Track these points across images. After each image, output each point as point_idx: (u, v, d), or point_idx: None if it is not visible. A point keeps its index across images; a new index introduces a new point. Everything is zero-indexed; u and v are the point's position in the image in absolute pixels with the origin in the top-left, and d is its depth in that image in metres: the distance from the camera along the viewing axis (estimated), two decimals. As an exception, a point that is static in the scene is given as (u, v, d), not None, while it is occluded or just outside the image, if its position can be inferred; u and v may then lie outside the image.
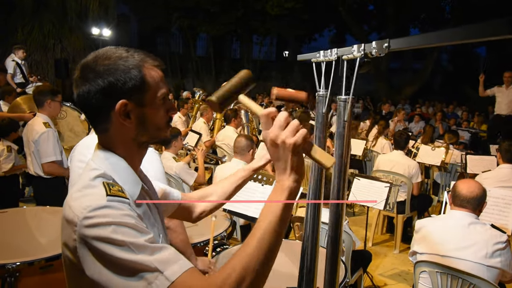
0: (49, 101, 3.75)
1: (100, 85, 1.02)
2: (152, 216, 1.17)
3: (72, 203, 0.99)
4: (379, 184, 4.05)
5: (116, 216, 0.94)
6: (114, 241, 0.92)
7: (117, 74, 1.03)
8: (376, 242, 5.11)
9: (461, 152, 6.10)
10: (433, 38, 0.87)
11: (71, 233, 0.96)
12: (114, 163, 1.09)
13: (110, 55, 1.05)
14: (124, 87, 1.03)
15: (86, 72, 1.05)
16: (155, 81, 1.08)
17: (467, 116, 12.36)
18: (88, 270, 0.94)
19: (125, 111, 1.05)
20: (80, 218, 0.94)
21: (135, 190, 1.10)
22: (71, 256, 0.99)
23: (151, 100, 1.08)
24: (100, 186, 1.01)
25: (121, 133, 1.08)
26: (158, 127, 1.11)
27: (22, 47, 7.88)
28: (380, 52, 1.06)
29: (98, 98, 1.03)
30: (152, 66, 1.09)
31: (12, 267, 2.24)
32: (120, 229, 0.93)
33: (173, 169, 4.18)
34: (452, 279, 2.42)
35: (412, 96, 19.02)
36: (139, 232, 0.95)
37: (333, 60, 1.36)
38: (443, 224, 2.62)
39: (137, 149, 1.13)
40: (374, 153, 6.98)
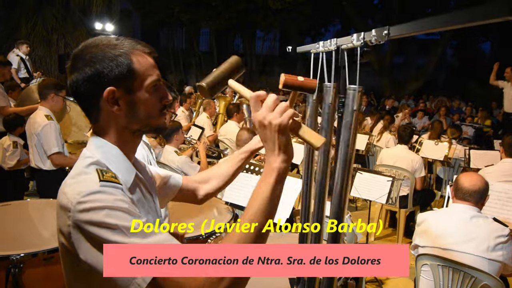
0: (53, 94, 3.78)
1: (88, 73, 1.03)
2: (146, 204, 1.18)
3: (66, 189, 1.00)
4: (381, 178, 4.05)
5: (109, 201, 0.95)
6: (107, 225, 0.92)
7: (104, 62, 1.03)
8: (378, 237, 5.11)
9: (464, 147, 6.09)
10: (432, 23, 0.86)
11: (66, 219, 0.97)
12: (107, 151, 1.09)
13: (98, 43, 1.06)
14: (111, 74, 1.03)
15: (76, 61, 1.06)
16: (144, 67, 1.08)
17: (471, 111, 12.31)
18: (82, 254, 0.95)
19: (114, 99, 1.05)
20: (74, 203, 0.95)
21: (129, 178, 1.11)
22: (65, 242, 1.00)
23: (140, 86, 1.07)
24: (94, 173, 1.02)
25: (112, 121, 1.09)
26: (149, 114, 1.11)
27: (26, 42, 7.89)
28: (380, 40, 1.05)
29: (86, 87, 1.04)
30: (142, 53, 1.09)
31: (16, 258, 2.26)
32: (113, 213, 0.94)
33: (175, 162, 4.19)
34: (453, 272, 2.42)
35: (416, 92, 18.95)
36: (132, 216, 0.96)
37: (332, 50, 1.36)
38: (445, 218, 2.62)
39: (131, 137, 1.13)
40: (377, 148, 6.98)
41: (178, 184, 1.47)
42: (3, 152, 4.36)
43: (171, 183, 1.45)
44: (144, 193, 1.18)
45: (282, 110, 0.97)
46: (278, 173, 0.98)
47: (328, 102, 1.40)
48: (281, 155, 0.97)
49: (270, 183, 0.98)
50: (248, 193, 2.82)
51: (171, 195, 1.46)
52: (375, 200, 4.00)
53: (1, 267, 2.27)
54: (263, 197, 0.97)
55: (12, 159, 4.35)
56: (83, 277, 1.02)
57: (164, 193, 1.42)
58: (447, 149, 5.91)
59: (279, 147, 0.97)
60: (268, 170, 0.99)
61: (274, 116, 0.96)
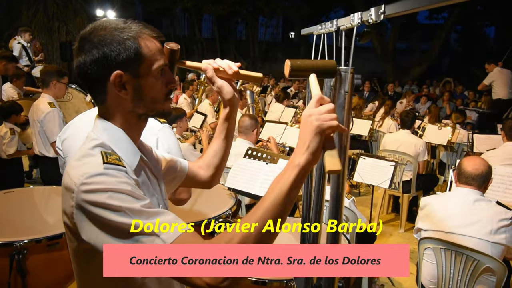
0: (55, 81, 3.77)
1: (95, 56, 1.03)
2: (151, 186, 1.18)
3: (71, 171, 1.01)
4: (384, 163, 4.05)
5: (113, 183, 0.96)
6: (110, 207, 0.93)
7: (112, 45, 1.03)
8: (382, 222, 5.12)
9: (468, 131, 6.07)
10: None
11: (69, 200, 0.98)
12: (112, 134, 1.10)
13: (106, 26, 1.05)
14: (119, 58, 1.03)
15: (83, 43, 1.05)
16: (152, 52, 1.07)
17: (474, 96, 12.22)
18: (85, 234, 0.97)
19: (120, 82, 1.05)
20: (78, 184, 0.96)
21: (134, 160, 1.11)
22: (69, 223, 1.01)
23: (147, 71, 1.07)
24: (98, 155, 1.02)
25: (118, 105, 1.09)
26: (155, 99, 1.11)
27: (28, 29, 7.87)
28: (376, 19, 1.05)
29: (93, 69, 1.04)
30: (150, 37, 1.08)
31: (20, 244, 2.28)
32: (116, 195, 0.94)
33: (178, 149, 4.19)
34: (456, 255, 2.43)
35: (420, 77, 18.83)
36: (135, 198, 0.97)
37: (333, 31, 1.35)
38: (448, 201, 2.62)
39: (136, 121, 1.13)
40: (380, 133, 6.96)
41: (185, 168, 1.46)
42: (0, 140, 4.37)
43: (178, 167, 1.44)
44: (149, 176, 1.19)
45: (329, 118, 0.95)
46: (300, 170, 0.95)
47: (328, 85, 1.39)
48: (308, 154, 0.94)
49: (289, 179, 0.94)
50: (249, 178, 2.82)
51: (179, 180, 1.44)
52: (378, 185, 4.00)
53: (5, 254, 2.29)
54: (282, 190, 0.94)
55: (10, 145, 4.35)
56: (87, 258, 1.04)
57: (172, 177, 1.41)
58: (450, 133, 5.88)
59: (309, 146, 0.95)
60: (290, 164, 0.96)
61: (319, 118, 0.94)
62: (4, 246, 2.30)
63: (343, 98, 1.15)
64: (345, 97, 1.15)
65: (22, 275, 2.32)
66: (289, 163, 0.97)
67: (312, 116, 0.95)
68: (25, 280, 2.34)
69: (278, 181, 0.96)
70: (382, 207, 5.26)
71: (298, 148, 0.96)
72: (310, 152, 0.94)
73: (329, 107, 0.96)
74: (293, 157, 0.97)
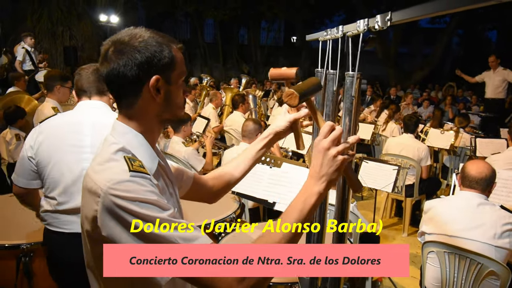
0: (58, 86, 3.79)
1: (138, 59, 1.06)
2: (167, 191, 1.21)
3: (95, 176, 1.03)
4: (387, 167, 4.05)
5: (140, 192, 0.99)
6: (138, 215, 0.97)
7: (153, 51, 1.07)
8: (385, 226, 5.12)
9: (470, 135, 6.07)
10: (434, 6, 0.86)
11: (93, 204, 1.00)
12: (132, 138, 1.12)
13: (143, 34, 1.10)
14: (159, 63, 1.08)
15: (122, 47, 1.08)
16: (180, 62, 1.14)
17: (477, 100, 12.22)
18: (105, 231, 0.99)
19: (157, 86, 1.09)
20: (104, 189, 0.98)
21: (153, 166, 1.14)
22: (89, 227, 1.03)
23: (176, 79, 1.13)
24: (122, 160, 1.05)
25: (147, 108, 1.12)
26: (179, 105, 1.17)
27: (30, 34, 7.92)
28: (383, 26, 1.06)
29: (135, 72, 1.07)
30: (177, 48, 1.14)
31: (26, 247, 2.31)
32: (143, 205, 0.98)
33: (182, 153, 4.21)
34: (460, 259, 2.43)
35: (422, 81, 18.82)
36: (161, 208, 1.00)
37: (339, 38, 1.37)
38: (452, 205, 2.62)
39: (157, 125, 1.18)
40: (383, 137, 6.96)
41: (190, 178, 1.48)
42: (6, 145, 4.39)
43: (184, 176, 1.45)
44: (166, 181, 1.22)
45: (343, 148, 1.05)
46: (319, 197, 1.05)
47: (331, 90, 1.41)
48: (328, 183, 1.05)
49: (309, 204, 1.04)
50: (253, 182, 2.83)
51: (184, 189, 1.46)
52: (381, 189, 4.00)
53: (12, 256, 2.32)
54: (299, 217, 1.03)
55: (17, 152, 4.35)
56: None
57: (178, 186, 1.43)
58: (453, 138, 5.89)
59: (330, 177, 1.05)
60: (309, 193, 1.05)
61: (337, 151, 1.04)
62: (11, 248, 2.33)
63: (350, 102, 1.17)
64: (352, 102, 1.16)
65: (29, 277, 2.34)
66: (307, 190, 1.05)
67: (331, 150, 1.04)
68: (32, 282, 2.36)
69: (296, 207, 1.04)
70: (385, 211, 5.26)
71: (315, 175, 1.05)
72: (329, 181, 1.05)
73: (339, 132, 1.05)
74: (311, 184, 1.06)
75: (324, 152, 1.04)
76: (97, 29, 13.34)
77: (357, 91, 1.16)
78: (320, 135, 1.06)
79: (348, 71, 1.20)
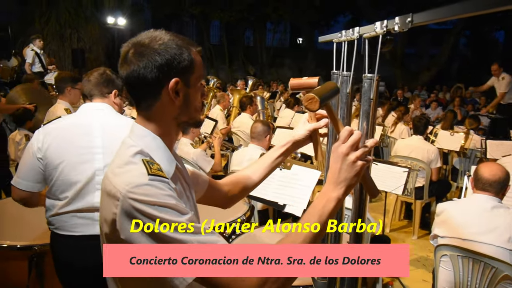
0: (69, 88, 3.80)
1: (158, 61, 1.06)
2: (185, 194, 1.20)
3: (114, 178, 1.03)
4: (397, 169, 4.01)
5: (159, 196, 0.98)
6: (157, 219, 0.96)
7: (174, 53, 1.08)
8: (394, 228, 5.09)
9: (481, 137, 6.02)
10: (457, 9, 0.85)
11: (112, 207, 1.00)
12: (150, 141, 1.12)
13: (163, 37, 1.10)
14: (179, 66, 1.08)
15: (142, 49, 1.08)
16: (199, 64, 1.14)
17: (485, 102, 12.14)
18: (123, 234, 0.99)
19: (176, 89, 1.09)
20: (123, 193, 0.98)
21: (170, 169, 1.13)
22: (108, 230, 1.03)
23: (195, 81, 1.13)
24: (140, 163, 1.04)
25: (166, 111, 1.12)
26: (196, 108, 1.17)
27: (39, 36, 7.97)
28: (404, 28, 1.05)
29: (155, 74, 1.07)
30: (196, 51, 1.15)
31: (38, 248, 2.32)
32: (162, 209, 0.97)
33: (190, 155, 4.21)
34: (473, 263, 2.40)
35: (429, 82, 18.74)
36: (180, 212, 0.99)
37: (355, 39, 1.35)
38: (465, 208, 2.60)
39: (175, 128, 1.17)
40: (391, 139, 6.93)
41: (206, 182, 1.47)
42: (16, 146, 4.41)
43: (199, 179, 1.45)
44: (183, 184, 1.21)
45: (362, 153, 1.04)
46: (338, 202, 1.04)
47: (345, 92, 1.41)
48: (347, 188, 1.05)
49: (328, 210, 1.04)
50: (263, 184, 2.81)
51: (199, 193, 1.45)
52: (391, 191, 3.97)
53: (24, 257, 2.33)
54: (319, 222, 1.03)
55: None
56: None
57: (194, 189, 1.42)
58: (463, 139, 5.84)
59: (349, 183, 1.04)
60: (327, 198, 1.05)
61: (356, 156, 1.04)
62: (23, 249, 2.34)
63: (368, 105, 1.16)
64: (370, 105, 1.15)
65: (41, 278, 2.36)
66: (326, 195, 1.05)
67: (350, 155, 1.03)
68: (44, 283, 2.37)
69: (314, 213, 1.04)
70: (394, 214, 5.23)
71: (333, 180, 1.05)
72: (348, 186, 1.04)
73: (358, 137, 1.05)
74: (330, 189, 1.05)
75: (343, 158, 1.04)
76: (105, 31, 13.41)
77: (375, 93, 1.15)
78: (339, 140, 1.05)
79: (365, 73, 1.19)
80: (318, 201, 1.05)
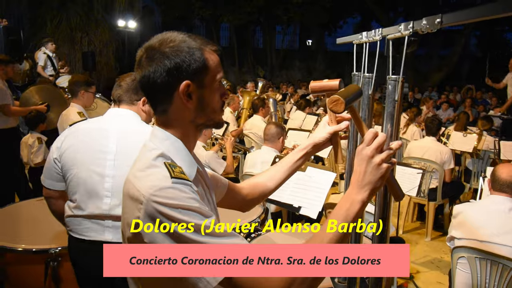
0: (83, 91, 3.83)
1: (167, 65, 1.05)
2: (206, 197, 1.19)
3: (137, 182, 1.03)
4: (411, 170, 3.99)
5: (182, 199, 0.98)
6: (179, 221, 0.95)
7: (183, 56, 1.06)
8: (407, 230, 5.06)
9: (494, 138, 5.96)
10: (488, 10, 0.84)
11: (135, 210, 0.99)
12: (171, 144, 1.11)
13: (175, 39, 1.09)
14: (189, 68, 1.06)
15: (152, 53, 1.07)
16: (215, 64, 1.12)
17: (497, 102, 12.02)
18: (147, 238, 0.98)
19: (188, 92, 1.08)
20: (146, 196, 0.97)
21: (192, 172, 1.12)
22: (131, 234, 1.02)
23: (210, 82, 1.11)
24: (163, 166, 1.04)
25: (181, 114, 1.11)
26: (214, 109, 1.14)
27: (50, 39, 8.03)
28: (432, 28, 1.04)
29: (164, 78, 1.06)
30: (211, 50, 1.12)
31: (54, 251, 2.33)
32: (185, 212, 0.97)
33: (203, 157, 4.21)
34: (492, 265, 2.38)
35: (439, 83, 18.62)
36: (203, 215, 0.99)
37: (377, 41, 1.35)
38: (482, 209, 2.57)
39: (194, 131, 1.16)
40: (403, 140, 6.88)
41: (225, 185, 1.46)
42: (29, 149, 4.44)
43: (219, 183, 1.44)
44: (204, 187, 1.20)
45: (387, 156, 1.04)
46: (363, 205, 1.04)
47: (367, 94, 1.40)
48: (371, 191, 1.04)
49: (353, 212, 1.03)
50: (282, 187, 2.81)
51: (219, 196, 1.44)
52: (405, 193, 3.93)
53: (40, 260, 2.34)
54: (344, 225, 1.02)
55: (38, 154, 4.42)
56: None
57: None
58: (476, 140, 5.79)
59: (373, 186, 1.03)
60: (352, 201, 1.04)
61: (382, 159, 1.03)
62: (39, 253, 2.35)
63: (392, 107, 1.15)
64: (395, 106, 1.14)
65: (57, 282, 2.36)
66: (350, 198, 1.04)
67: (375, 158, 1.03)
68: (60, 287, 2.37)
69: (339, 216, 1.03)
70: (407, 215, 5.20)
71: (358, 183, 1.04)
72: (373, 189, 1.03)
73: (383, 139, 1.03)
74: (354, 192, 1.04)
75: (368, 160, 1.03)
76: (115, 34, 13.47)
77: (400, 95, 1.14)
78: (364, 142, 1.04)
79: (388, 75, 1.18)
80: (343, 204, 1.04)
